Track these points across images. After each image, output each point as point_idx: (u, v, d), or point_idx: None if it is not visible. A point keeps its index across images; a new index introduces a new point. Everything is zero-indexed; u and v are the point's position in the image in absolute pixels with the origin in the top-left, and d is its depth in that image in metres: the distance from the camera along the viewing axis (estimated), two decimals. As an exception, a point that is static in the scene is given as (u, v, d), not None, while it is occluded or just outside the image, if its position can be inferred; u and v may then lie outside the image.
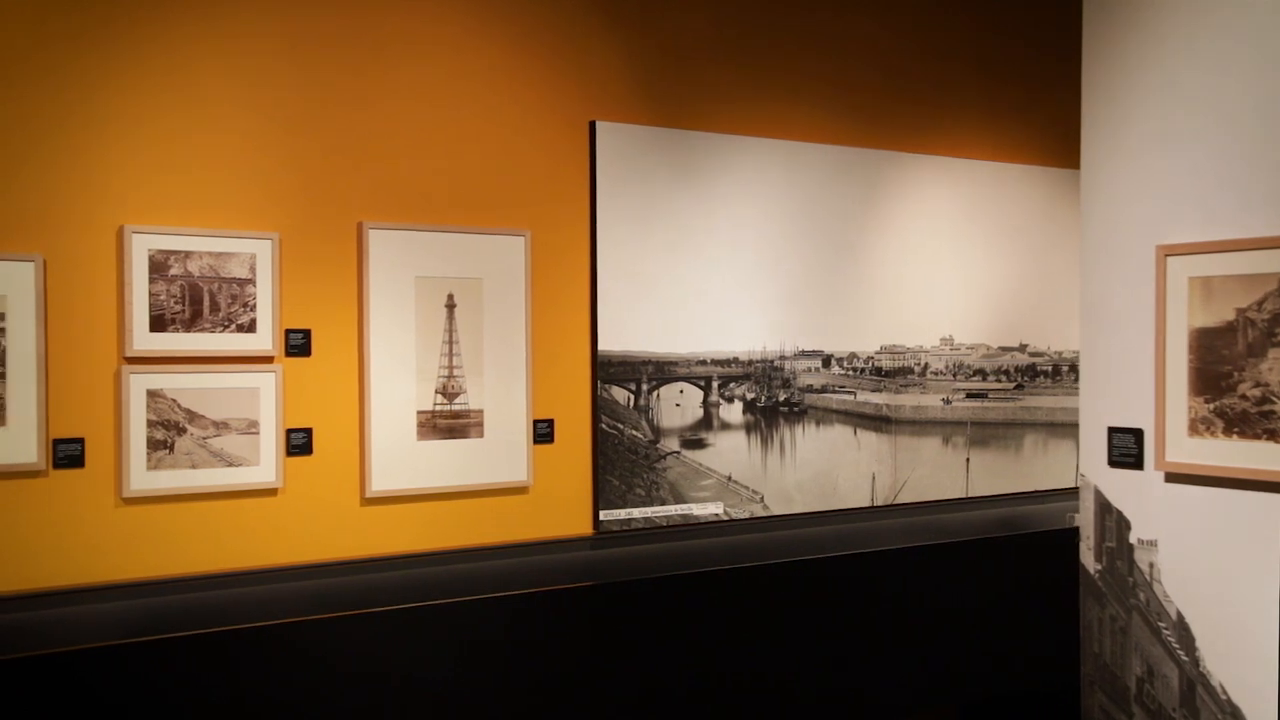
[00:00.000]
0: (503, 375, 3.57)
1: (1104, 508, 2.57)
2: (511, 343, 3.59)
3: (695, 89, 3.96)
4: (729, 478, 4.02)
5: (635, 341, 3.82)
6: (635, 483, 3.82)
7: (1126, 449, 2.46)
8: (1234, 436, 2.36)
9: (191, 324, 3.09)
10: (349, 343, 3.34)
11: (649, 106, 3.87)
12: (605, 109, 3.78)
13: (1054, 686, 3.98)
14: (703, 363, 3.98)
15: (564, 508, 3.70)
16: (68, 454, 2.93)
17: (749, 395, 4.08)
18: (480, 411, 3.53)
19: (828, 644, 3.54)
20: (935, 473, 4.51)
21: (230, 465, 3.13)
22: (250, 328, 3.17)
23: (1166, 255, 2.41)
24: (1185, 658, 2.43)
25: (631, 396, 3.83)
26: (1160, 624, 2.49)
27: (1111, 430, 2.51)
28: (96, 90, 2.98)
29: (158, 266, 3.04)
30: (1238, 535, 2.39)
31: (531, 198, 3.65)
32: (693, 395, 3.97)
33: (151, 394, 3.03)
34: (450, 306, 3.49)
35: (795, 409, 4.19)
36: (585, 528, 3.74)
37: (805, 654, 3.49)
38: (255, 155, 3.19)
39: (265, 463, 3.18)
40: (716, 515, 3.97)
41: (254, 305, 3.17)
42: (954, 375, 4.59)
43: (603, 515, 3.74)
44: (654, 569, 3.68)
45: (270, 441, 3.19)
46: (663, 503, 3.87)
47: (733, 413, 4.05)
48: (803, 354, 4.21)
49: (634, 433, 3.83)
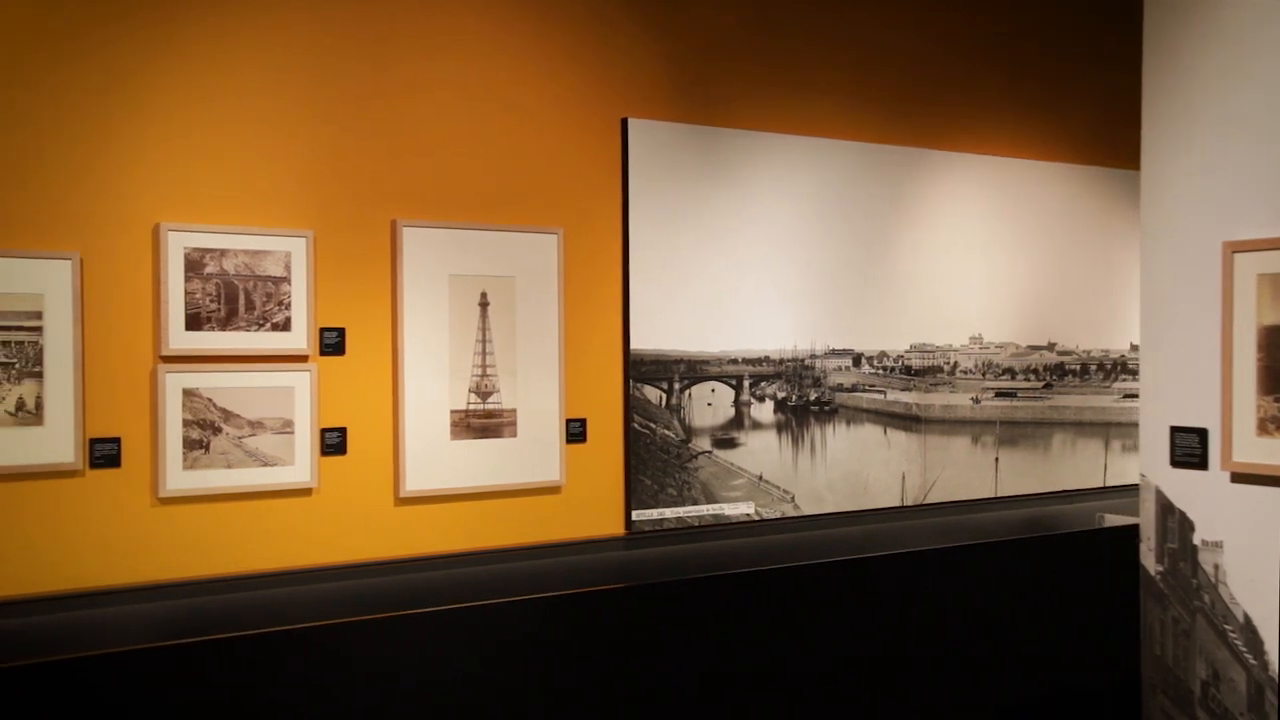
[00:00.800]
0: (535, 374, 3.54)
1: (1165, 508, 2.54)
2: (544, 341, 3.56)
3: (725, 86, 3.94)
4: (760, 477, 3.99)
5: (667, 340, 3.80)
6: (667, 482, 3.79)
7: (1190, 449, 2.43)
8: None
9: (227, 322, 3.06)
10: (383, 342, 3.32)
11: (679, 103, 3.84)
12: (637, 106, 3.75)
13: (1094, 687, 3.95)
14: (734, 361, 3.95)
15: (596, 508, 3.67)
16: (104, 454, 2.91)
17: (780, 394, 4.05)
18: (513, 411, 3.50)
19: (865, 645, 3.51)
20: (964, 472, 4.48)
21: (265, 465, 3.11)
22: (285, 326, 3.14)
23: (1234, 252, 2.38)
24: (1253, 661, 2.40)
25: (663, 396, 3.80)
26: (1226, 627, 2.46)
27: (1174, 430, 2.47)
28: (133, 88, 2.95)
29: (193, 265, 3.01)
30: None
31: (564, 195, 3.62)
32: (724, 394, 3.94)
33: (187, 393, 3.01)
34: (483, 305, 3.46)
35: (826, 408, 4.16)
36: (617, 528, 3.71)
37: (841, 655, 3.46)
38: (289, 152, 3.17)
39: (300, 463, 3.15)
40: (748, 515, 3.94)
41: (289, 304, 3.15)
42: (983, 374, 4.56)
43: (635, 515, 3.71)
44: (689, 569, 3.65)
45: (305, 441, 3.16)
46: (694, 502, 3.84)
47: (764, 412, 4.02)
48: (833, 353, 4.18)
49: (666, 432, 3.80)
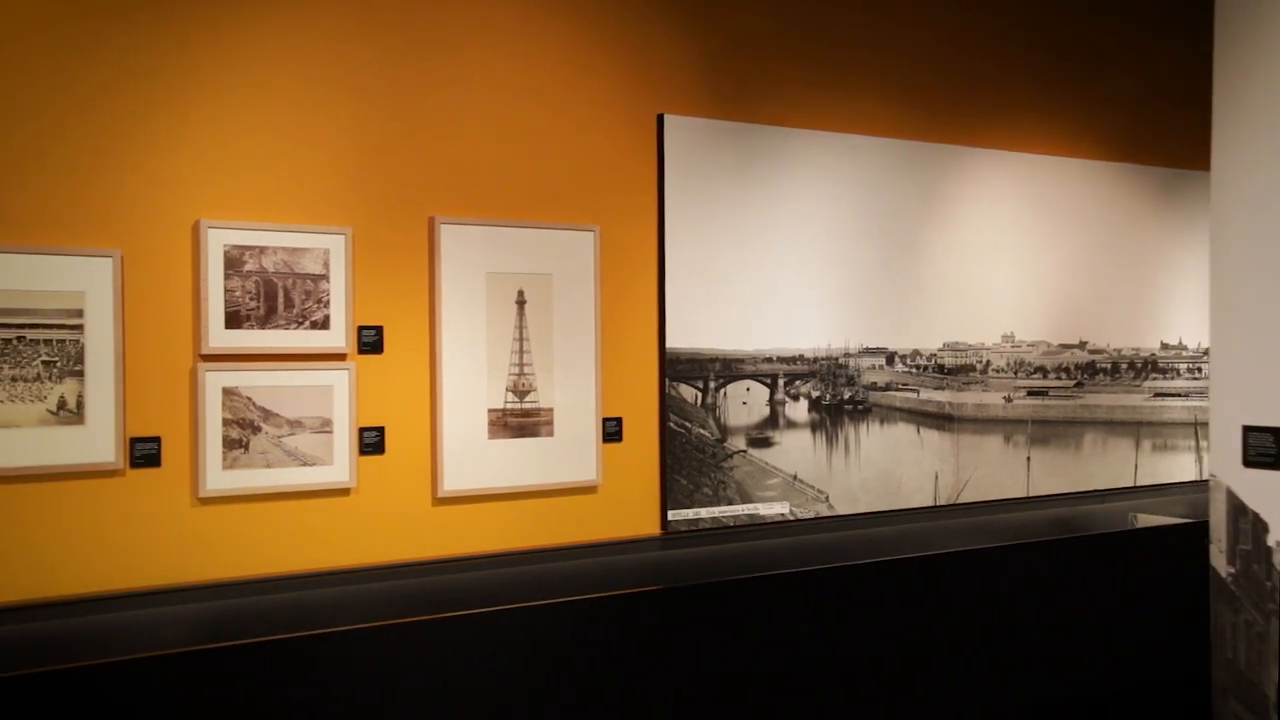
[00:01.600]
0: (572, 373, 3.51)
1: (1237, 509, 2.50)
2: (581, 340, 3.53)
3: (760, 82, 3.90)
4: (795, 477, 3.96)
5: (703, 339, 3.76)
6: (703, 482, 3.76)
7: (1264, 448, 2.39)
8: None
9: (266, 321, 3.03)
10: (420, 340, 3.28)
11: (714, 100, 3.81)
12: (672, 102, 3.72)
13: (1156, 688, 3.91)
14: (769, 360, 3.92)
15: (632, 507, 3.64)
16: (144, 453, 2.88)
17: (814, 393, 4.02)
18: (550, 410, 3.47)
19: (905, 647, 3.48)
20: (996, 472, 4.45)
21: (304, 465, 3.08)
22: (324, 324, 3.11)
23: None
24: (1333, 666, 2.36)
25: (699, 394, 3.77)
26: (1306, 630, 2.42)
27: (1247, 429, 2.44)
28: (173, 85, 2.92)
29: (233, 262, 2.98)
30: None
31: (600, 192, 3.59)
32: (759, 393, 3.90)
33: (227, 392, 2.97)
34: (521, 303, 3.43)
35: (860, 407, 4.13)
36: (653, 528, 3.68)
37: (882, 657, 3.43)
38: (327, 148, 3.14)
39: (339, 462, 3.12)
40: (783, 515, 3.91)
41: (327, 301, 3.11)
42: (1015, 373, 4.53)
43: (671, 515, 3.68)
44: (725, 570, 3.63)
45: (344, 440, 3.13)
46: (730, 502, 3.81)
47: (798, 411, 3.99)
48: (866, 351, 4.15)
49: (701, 431, 3.77)
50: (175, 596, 2.90)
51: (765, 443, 3.91)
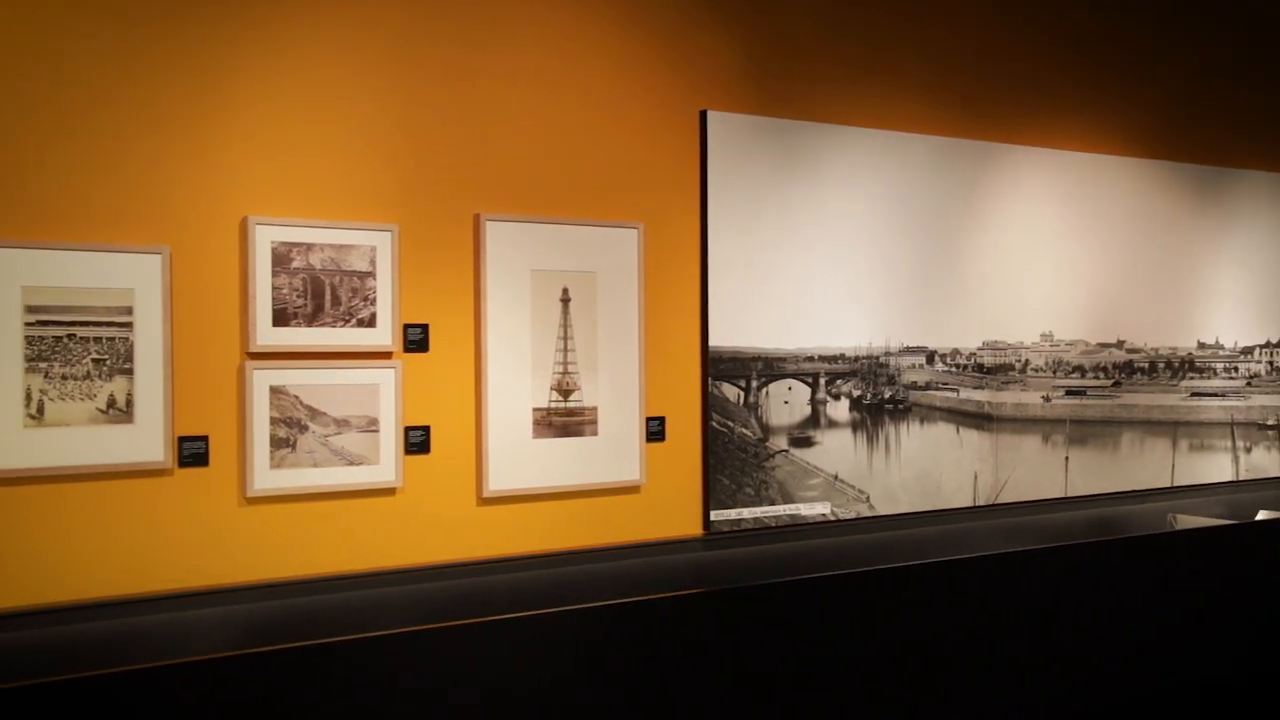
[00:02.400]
0: (616, 371, 3.48)
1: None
2: (624, 338, 3.49)
3: (801, 78, 3.86)
4: (836, 477, 3.92)
5: (745, 337, 3.73)
6: (745, 482, 3.72)
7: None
8: None
9: (313, 318, 3.00)
10: (465, 338, 3.25)
11: (756, 96, 3.77)
12: (715, 98, 3.68)
13: (1238, 685, 3.87)
14: (810, 359, 3.88)
15: (675, 508, 3.60)
16: (193, 452, 2.84)
17: (855, 392, 3.98)
18: (594, 409, 3.44)
19: (957, 651, 3.44)
20: (1035, 472, 4.40)
21: (351, 464, 3.04)
22: (370, 322, 3.08)
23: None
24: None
25: (741, 393, 3.73)
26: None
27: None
28: (220, 81, 2.89)
29: (280, 259, 2.95)
30: None
31: (643, 189, 3.55)
32: (800, 392, 3.87)
33: (274, 390, 2.94)
34: (565, 301, 3.40)
35: (900, 406, 4.09)
36: (695, 528, 3.64)
37: (935, 661, 3.39)
38: (374, 145, 3.10)
39: (385, 461, 3.09)
40: (824, 515, 3.87)
41: (374, 299, 3.08)
42: (1054, 372, 4.48)
43: (713, 515, 3.65)
44: (775, 571, 3.59)
45: (390, 440, 3.09)
46: (771, 502, 3.77)
47: (839, 410, 3.95)
48: (907, 350, 4.11)
49: (744, 431, 3.73)
50: (222, 597, 2.87)
51: (807, 442, 3.87)
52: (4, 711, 2.16)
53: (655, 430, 3.56)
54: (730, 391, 3.70)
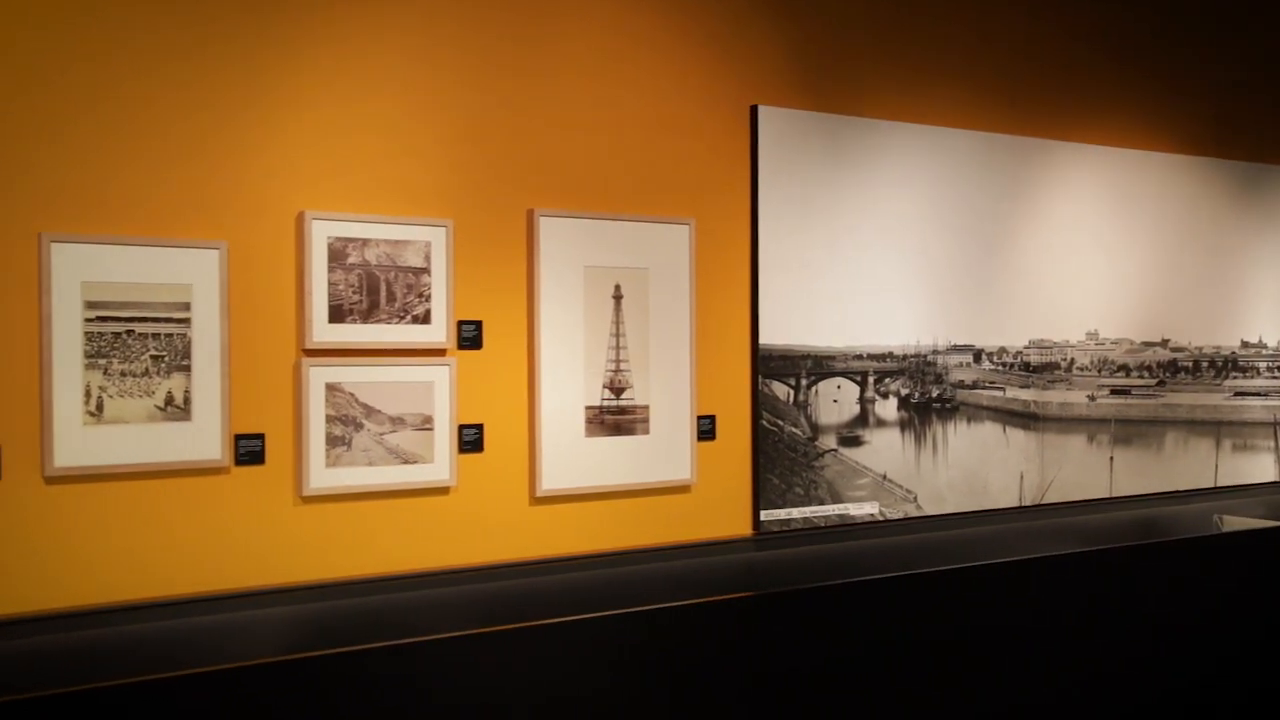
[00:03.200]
0: (667, 369, 3.43)
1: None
2: (676, 336, 3.45)
3: (850, 73, 3.82)
4: (884, 476, 3.87)
5: (794, 335, 3.68)
6: (794, 481, 3.68)
7: None
8: None
9: (369, 315, 2.95)
10: (518, 335, 3.21)
11: (805, 91, 3.72)
12: (765, 93, 3.63)
13: None
14: (859, 357, 3.84)
15: (724, 507, 3.56)
16: (249, 450, 2.80)
17: (903, 391, 3.94)
18: (645, 407, 3.39)
19: (1016, 656, 3.39)
20: (1080, 472, 4.36)
21: (406, 463, 3.00)
22: (425, 319, 3.03)
23: None
24: None
25: (791, 392, 3.68)
26: None
27: None
28: (276, 74, 2.85)
29: (336, 255, 2.90)
30: None
31: (694, 184, 3.50)
32: (849, 391, 3.82)
33: (330, 388, 2.90)
34: (617, 298, 3.35)
35: (947, 405, 4.04)
36: (745, 528, 3.60)
37: (994, 666, 3.35)
38: (427, 140, 3.06)
39: (440, 460, 3.05)
40: (872, 515, 3.83)
41: (429, 295, 3.04)
42: (1099, 371, 4.44)
43: (763, 515, 3.60)
44: (826, 572, 3.55)
45: (444, 438, 3.05)
46: (820, 502, 3.73)
47: (888, 409, 3.90)
48: (954, 348, 4.06)
49: (793, 430, 3.69)
50: (276, 598, 2.83)
51: (855, 441, 3.82)
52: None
53: (706, 429, 3.52)
54: (780, 390, 3.66)
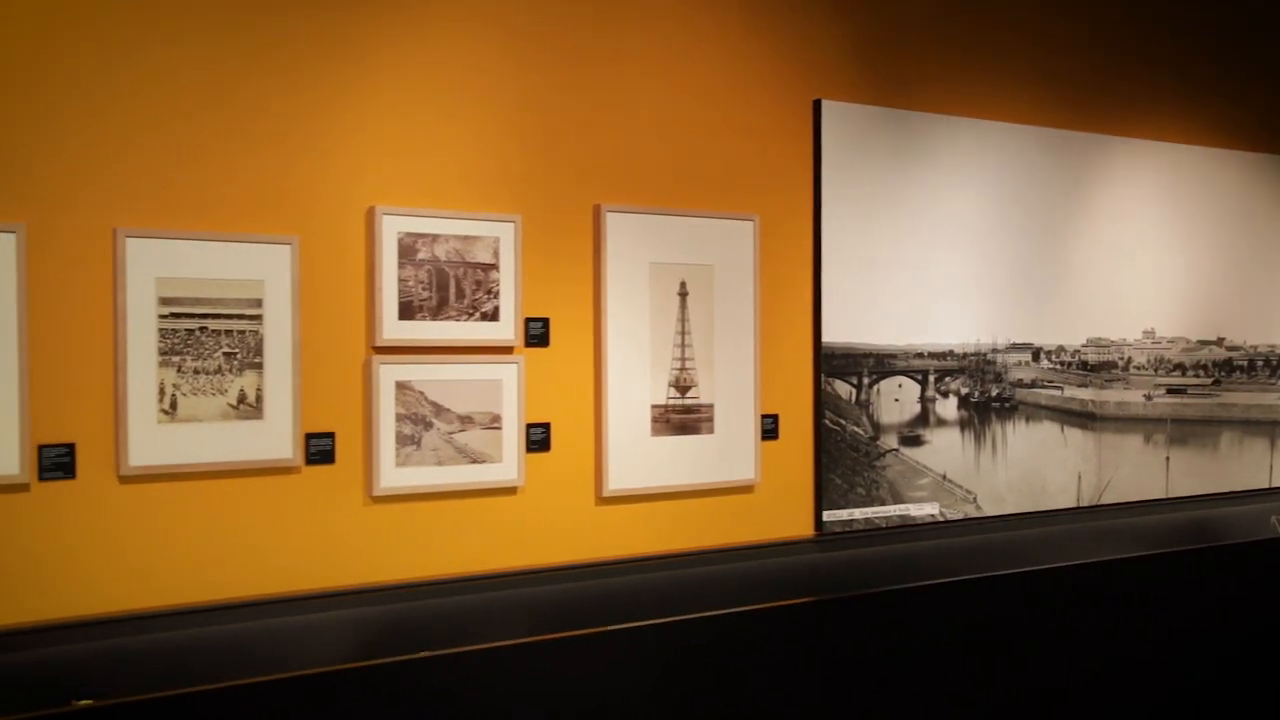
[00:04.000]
0: (731, 367, 3.38)
1: None
2: (740, 333, 3.39)
3: (913, 67, 3.76)
4: (944, 476, 3.82)
5: (857, 333, 3.63)
6: (856, 481, 3.63)
7: None
8: None
9: (438, 311, 2.90)
10: (585, 332, 3.15)
11: (867, 85, 3.66)
12: (828, 87, 3.58)
13: None
14: (920, 355, 3.78)
15: (787, 508, 3.51)
16: (319, 449, 2.75)
17: (963, 390, 3.88)
18: (710, 406, 3.34)
19: (1080, 660, 3.34)
20: (1137, 472, 4.30)
21: (474, 462, 2.95)
22: (493, 316, 2.98)
23: None
24: None
25: (853, 391, 3.63)
26: None
27: None
28: (347, 70, 2.79)
29: (406, 250, 2.85)
30: None
31: (757, 180, 3.45)
32: (910, 389, 3.77)
33: (400, 386, 2.85)
34: (683, 295, 3.30)
35: (1006, 404, 3.98)
36: (807, 529, 3.54)
37: (1065, 673, 3.30)
38: (496, 134, 3.01)
39: (508, 460, 3.00)
40: (933, 516, 3.77)
41: (497, 292, 2.99)
42: (1155, 370, 4.38)
43: (826, 516, 3.55)
44: (889, 574, 3.49)
45: (512, 437, 3.00)
46: (882, 502, 3.67)
47: (948, 408, 3.85)
48: (1013, 347, 4.00)
49: (855, 429, 3.63)
50: (346, 600, 2.78)
51: (916, 441, 3.77)
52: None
53: (769, 428, 3.47)
54: (843, 389, 3.61)
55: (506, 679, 2.51)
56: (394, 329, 2.84)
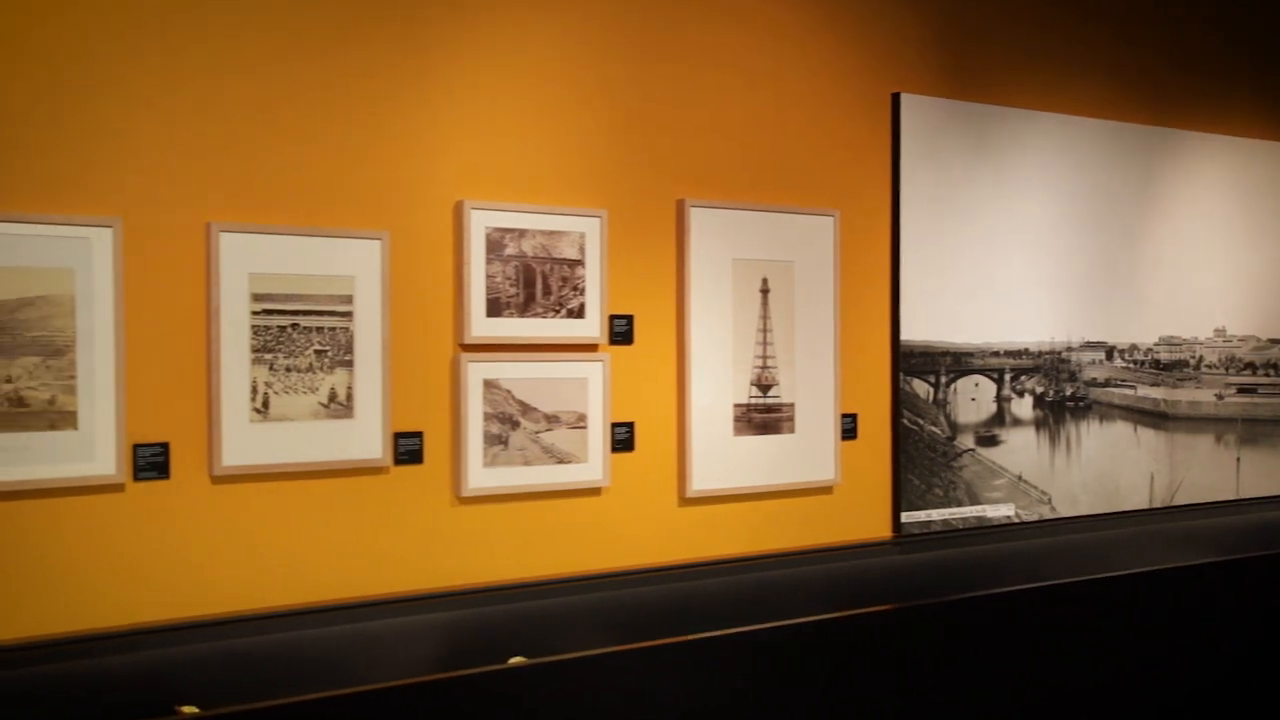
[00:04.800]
0: (812, 365, 3.31)
1: None
2: (820, 331, 3.33)
3: (988, 60, 3.69)
4: (1019, 477, 3.75)
5: (934, 330, 3.56)
6: (934, 482, 3.56)
7: None
8: None
9: (525, 308, 2.84)
10: (668, 330, 3.09)
11: (945, 78, 3.59)
12: (907, 80, 3.51)
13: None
14: (996, 354, 3.71)
15: (865, 508, 3.44)
16: (408, 449, 2.69)
17: (1038, 389, 3.81)
18: (791, 405, 3.27)
19: (1184, 671, 3.27)
20: (1208, 473, 4.22)
21: (560, 462, 2.89)
22: (579, 313, 2.92)
23: None
24: None
25: (931, 390, 3.56)
26: None
27: None
28: (434, 60, 2.73)
29: (494, 246, 2.79)
30: None
31: (836, 174, 3.38)
32: (987, 389, 3.70)
33: (488, 384, 2.79)
34: (764, 291, 3.23)
35: (1080, 404, 3.91)
36: (884, 530, 3.48)
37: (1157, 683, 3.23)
38: (581, 127, 2.94)
39: (593, 460, 2.93)
40: (1008, 517, 3.71)
41: (583, 288, 2.92)
42: (1226, 369, 4.30)
43: (904, 517, 3.48)
44: (968, 577, 3.43)
45: (598, 436, 2.94)
46: (958, 503, 3.60)
47: (1023, 407, 3.78)
48: (1087, 345, 3.93)
49: (933, 428, 3.56)
50: (432, 604, 2.71)
51: (992, 441, 3.70)
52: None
53: (848, 427, 3.40)
54: (920, 387, 3.54)
55: (590, 689, 2.45)
56: (482, 326, 2.78)
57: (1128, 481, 4.00)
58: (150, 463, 2.37)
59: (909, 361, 3.50)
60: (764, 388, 3.23)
